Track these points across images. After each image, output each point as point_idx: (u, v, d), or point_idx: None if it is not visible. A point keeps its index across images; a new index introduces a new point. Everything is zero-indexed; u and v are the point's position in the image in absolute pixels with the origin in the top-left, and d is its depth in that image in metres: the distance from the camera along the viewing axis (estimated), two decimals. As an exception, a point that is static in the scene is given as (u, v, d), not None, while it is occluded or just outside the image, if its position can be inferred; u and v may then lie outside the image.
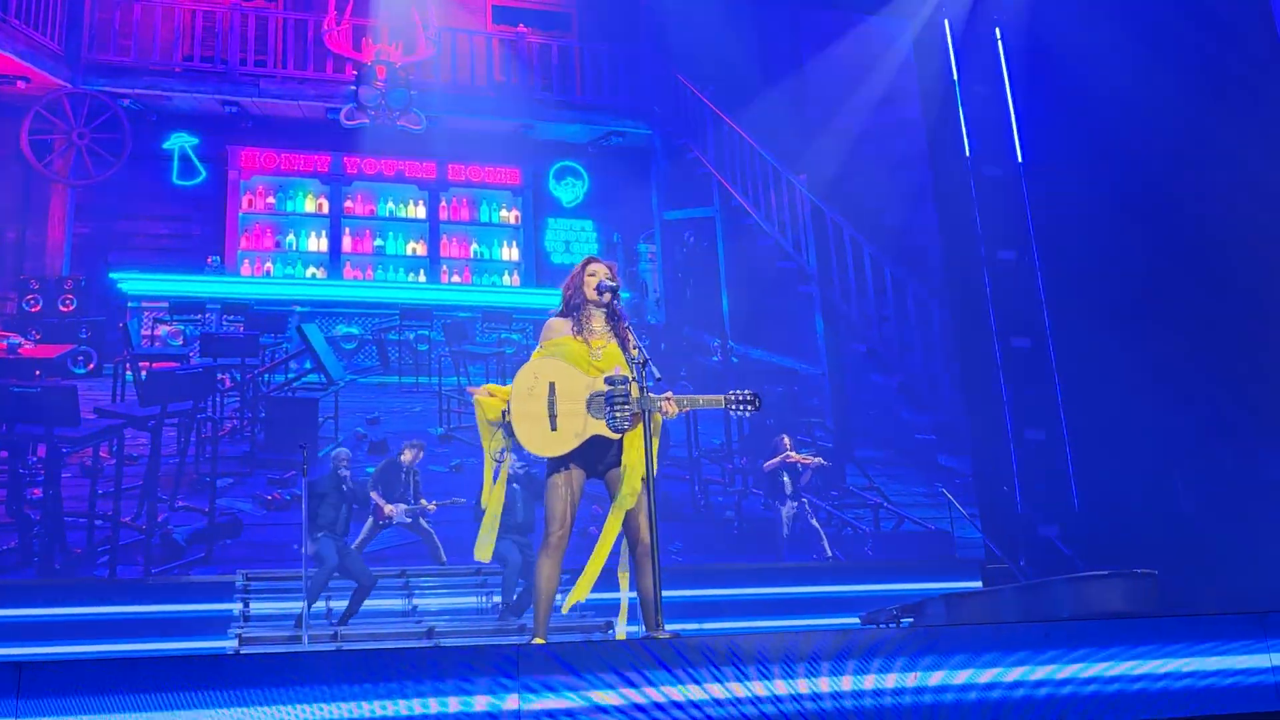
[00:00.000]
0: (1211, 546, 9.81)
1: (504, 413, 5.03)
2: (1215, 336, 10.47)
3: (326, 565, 9.00)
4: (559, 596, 5.05)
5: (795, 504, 11.24)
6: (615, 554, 5.06)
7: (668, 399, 4.89)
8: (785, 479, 11.19)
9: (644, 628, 4.81)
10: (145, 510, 10.27)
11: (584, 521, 5.19)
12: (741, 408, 4.97)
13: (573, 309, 5.14)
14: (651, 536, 4.75)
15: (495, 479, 5.18)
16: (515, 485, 9.31)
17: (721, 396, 5.00)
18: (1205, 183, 10.40)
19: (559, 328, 5.13)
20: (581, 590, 4.95)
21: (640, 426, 4.83)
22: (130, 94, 11.48)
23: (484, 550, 5.16)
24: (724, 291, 12.54)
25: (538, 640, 4.80)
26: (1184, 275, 10.77)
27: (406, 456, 10.05)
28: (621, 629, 4.94)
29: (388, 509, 9.87)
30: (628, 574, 4.99)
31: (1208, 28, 10.41)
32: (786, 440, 11.34)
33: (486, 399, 5.06)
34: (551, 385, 4.94)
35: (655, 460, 4.81)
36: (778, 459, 11.23)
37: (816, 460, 11.29)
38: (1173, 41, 10.58)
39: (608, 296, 5.03)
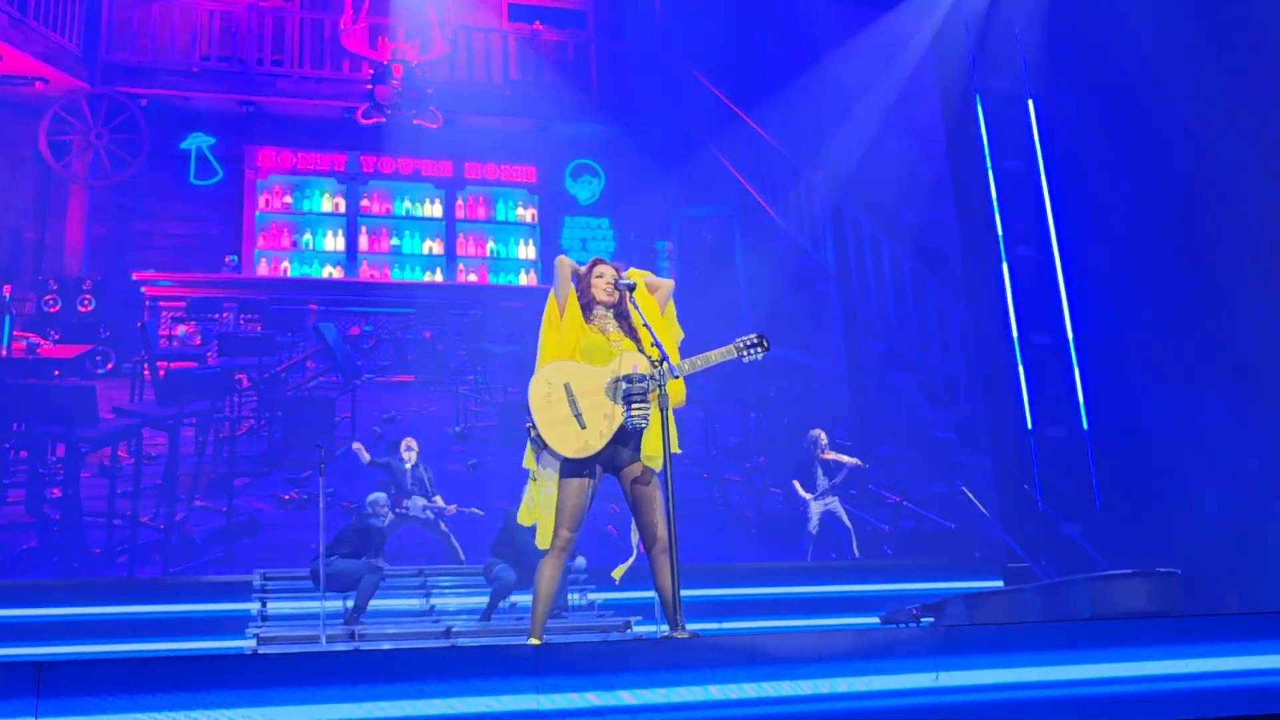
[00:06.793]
0: (1235, 545, 9.73)
1: (530, 426, 4.94)
2: (1238, 332, 10.38)
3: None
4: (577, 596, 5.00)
5: (827, 501, 11.03)
6: (643, 556, 5.02)
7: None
8: (819, 473, 10.99)
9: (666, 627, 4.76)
10: (163, 510, 10.30)
11: (603, 519, 5.14)
12: (751, 352, 4.87)
13: (583, 309, 5.04)
14: (669, 533, 4.68)
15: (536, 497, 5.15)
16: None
17: (726, 348, 4.89)
18: (1228, 176, 10.31)
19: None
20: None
21: (656, 422, 4.77)
22: (148, 94, 11.52)
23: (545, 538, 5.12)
24: (742, 288, 12.50)
25: (533, 641, 4.75)
26: (1207, 270, 10.68)
27: (404, 455, 10.04)
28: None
29: (405, 505, 9.84)
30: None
31: (1230, 19, 10.30)
32: (823, 437, 11.13)
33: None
34: (567, 385, 4.87)
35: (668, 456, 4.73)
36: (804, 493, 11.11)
37: (854, 461, 11.05)
38: (1194, 33, 10.48)
39: (627, 294, 4.93)
